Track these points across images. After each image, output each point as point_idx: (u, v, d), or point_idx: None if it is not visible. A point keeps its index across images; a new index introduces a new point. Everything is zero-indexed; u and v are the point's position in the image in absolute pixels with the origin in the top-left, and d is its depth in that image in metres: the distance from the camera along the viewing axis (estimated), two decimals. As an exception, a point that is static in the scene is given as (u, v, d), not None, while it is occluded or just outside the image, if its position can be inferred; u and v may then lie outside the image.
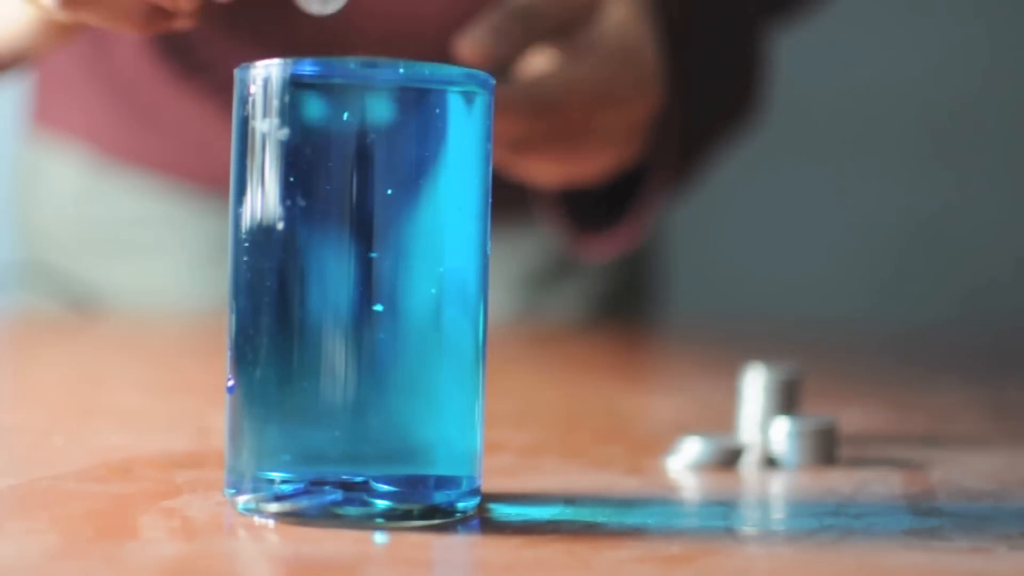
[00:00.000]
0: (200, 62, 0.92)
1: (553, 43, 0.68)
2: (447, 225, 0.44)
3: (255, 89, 0.44)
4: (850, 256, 1.99)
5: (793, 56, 1.41)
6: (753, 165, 1.67)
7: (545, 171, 0.72)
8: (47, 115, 1.00)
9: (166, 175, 0.97)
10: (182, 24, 0.55)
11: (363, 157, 0.43)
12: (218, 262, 0.96)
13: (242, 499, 0.44)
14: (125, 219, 0.98)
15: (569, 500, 0.48)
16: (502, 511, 0.46)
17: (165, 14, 0.54)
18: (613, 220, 0.79)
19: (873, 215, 1.98)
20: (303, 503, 0.43)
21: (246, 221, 0.44)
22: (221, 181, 0.95)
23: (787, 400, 0.59)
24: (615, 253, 0.84)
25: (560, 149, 0.68)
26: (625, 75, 0.68)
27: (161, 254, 0.98)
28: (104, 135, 0.97)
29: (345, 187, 0.43)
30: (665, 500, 0.50)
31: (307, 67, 0.43)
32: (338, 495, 0.43)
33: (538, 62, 0.69)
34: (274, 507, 0.43)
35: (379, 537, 0.42)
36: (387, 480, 0.43)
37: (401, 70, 0.43)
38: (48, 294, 1.00)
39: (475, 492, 0.45)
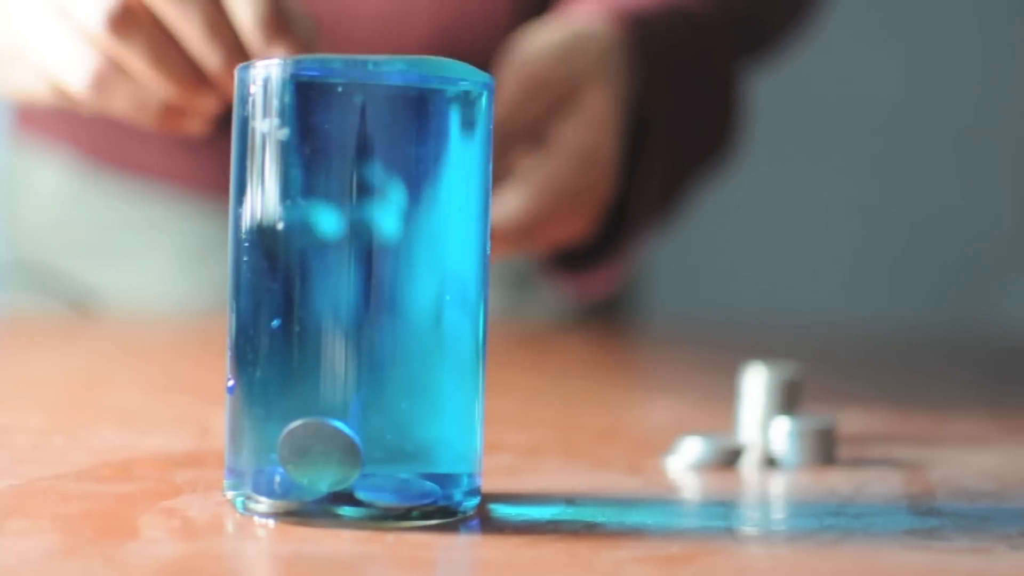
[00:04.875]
0: None
1: (532, 140, 0.71)
2: (447, 225, 0.44)
3: (255, 89, 0.44)
4: (851, 256, 1.99)
5: (790, 57, 1.41)
6: (754, 165, 1.67)
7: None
8: (32, 119, 1.00)
9: (149, 178, 0.97)
10: (194, 127, 0.62)
11: (363, 157, 0.43)
12: (203, 264, 0.96)
13: (242, 499, 0.44)
14: (110, 222, 0.98)
15: (569, 500, 0.48)
16: (502, 511, 0.46)
17: (178, 113, 0.61)
18: (591, 264, 0.81)
19: (873, 215, 1.98)
20: (292, 501, 0.43)
21: (246, 221, 0.44)
22: (205, 184, 0.95)
23: (787, 400, 0.59)
24: (595, 294, 0.86)
25: (520, 244, 0.71)
26: (586, 180, 0.71)
27: (146, 256, 0.98)
28: (88, 139, 0.97)
29: (345, 187, 0.43)
30: (665, 500, 0.50)
31: (307, 67, 0.43)
32: (325, 495, 0.43)
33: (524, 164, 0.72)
34: (263, 506, 0.43)
35: (379, 537, 0.42)
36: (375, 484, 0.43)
37: (401, 70, 0.43)
38: (41, 295, 1.00)
39: (475, 492, 0.45)
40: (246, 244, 0.44)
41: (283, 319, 0.43)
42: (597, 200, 0.73)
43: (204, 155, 0.93)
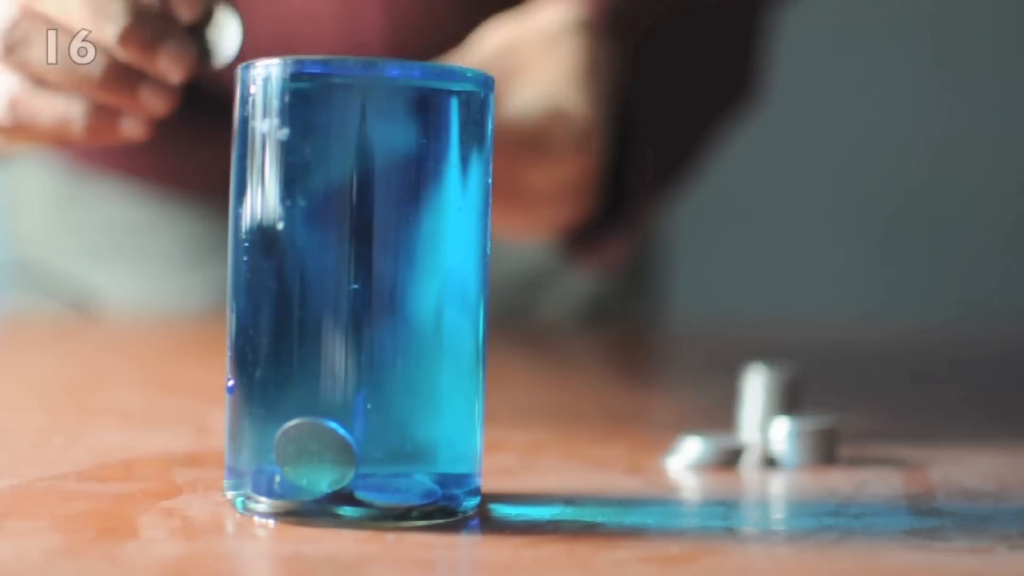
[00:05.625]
0: None
1: None
2: (447, 225, 0.44)
3: (255, 89, 0.44)
4: (851, 256, 1.99)
5: (791, 57, 1.41)
6: (752, 166, 1.67)
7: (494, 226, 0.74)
8: None
9: (143, 181, 0.96)
10: (134, 132, 0.56)
11: (363, 157, 0.43)
12: (198, 267, 0.96)
13: (242, 499, 0.44)
14: (105, 224, 0.98)
15: (569, 500, 0.48)
16: (502, 511, 0.46)
17: (112, 121, 0.55)
18: (602, 235, 0.80)
19: (873, 215, 1.98)
20: (292, 501, 0.43)
21: (246, 221, 0.44)
22: (199, 186, 0.95)
23: (787, 400, 0.59)
24: (613, 263, 0.85)
25: (497, 202, 0.70)
26: (556, 130, 0.69)
27: (141, 259, 0.97)
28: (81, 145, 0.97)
29: (345, 187, 0.43)
30: (665, 500, 0.50)
31: (307, 67, 0.43)
32: (325, 494, 0.43)
33: None
34: (263, 506, 0.43)
35: (379, 537, 0.42)
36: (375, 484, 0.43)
37: (402, 70, 0.44)
38: (42, 295, 1.00)
39: (475, 492, 0.45)
40: (246, 244, 0.44)
41: (283, 319, 0.43)
42: (582, 161, 0.71)
43: (189, 158, 0.92)
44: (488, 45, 0.72)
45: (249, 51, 0.63)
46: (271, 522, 0.43)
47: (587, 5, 0.75)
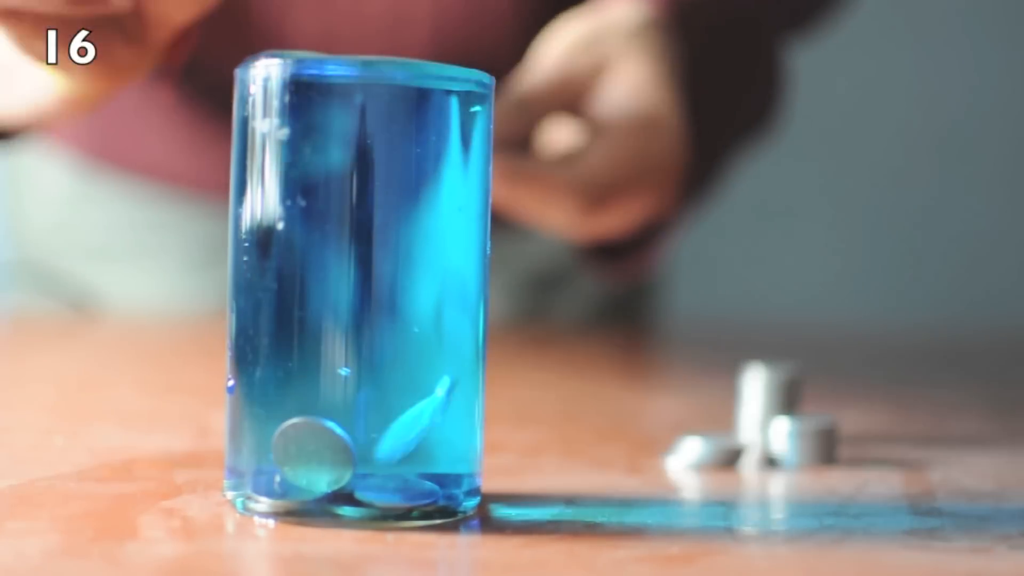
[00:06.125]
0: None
1: (563, 114, 0.70)
2: (447, 225, 0.44)
3: (255, 89, 0.44)
4: (851, 256, 1.99)
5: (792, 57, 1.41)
6: (753, 166, 1.67)
7: (577, 232, 0.74)
8: None
9: (154, 180, 0.96)
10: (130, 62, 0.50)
11: (363, 157, 0.43)
12: (208, 268, 0.96)
13: (242, 499, 0.44)
14: (114, 223, 0.98)
15: (569, 500, 0.48)
16: (502, 511, 0.46)
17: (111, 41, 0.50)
18: (630, 245, 0.80)
19: (873, 216, 1.98)
20: (292, 501, 0.43)
21: (246, 221, 0.44)
22: (210, 185, 0.94)
23: (787, 400, 0.59)
24: (635, 276, 0.86)
25: (595, 219, 0.70)
26: (654, 144, 0.70)
27: (151, 259, 0.97)
28: (92, 139, 0.97)
29: (345, 187, 0.43)
30: (665, 500, 0.50)
31: (307, 67, 0.43)
32: (325, 493, 0.43)
33: (560, 137, 0.71)
34: (263, 506, 0.43)
35: (379, 537, 0.42)
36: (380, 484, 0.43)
37: (402, 70, 0.44)
38: (43, 295, 0.99)
39: (475, 492, 0.45)
40: (246, 244, 0.44)
41: (283, 319, 0.43)
42: (670, 167, 0.72)
43: (209, 156, 0.92)
44: (567, 38, 0.72)
45: (291, 49, 0.63)
46: (271, 522, 0.43)
47: (655, 5, 0.75)
